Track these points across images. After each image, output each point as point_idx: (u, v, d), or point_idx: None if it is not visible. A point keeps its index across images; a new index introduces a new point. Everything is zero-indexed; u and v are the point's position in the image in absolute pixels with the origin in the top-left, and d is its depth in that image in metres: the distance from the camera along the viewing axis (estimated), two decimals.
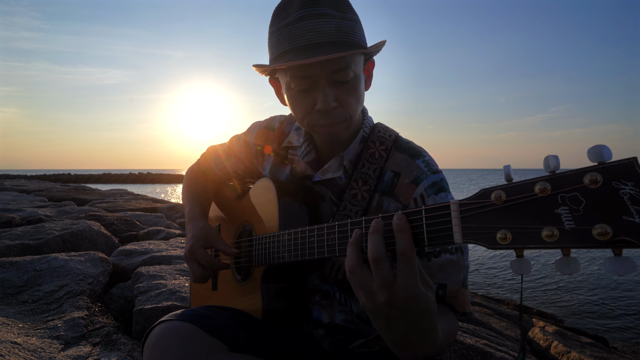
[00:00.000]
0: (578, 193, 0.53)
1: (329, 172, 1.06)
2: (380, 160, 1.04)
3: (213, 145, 1.40)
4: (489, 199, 0.60)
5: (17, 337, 1.74)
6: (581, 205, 0.52)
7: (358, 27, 0.97)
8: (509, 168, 0.60)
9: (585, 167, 0.53)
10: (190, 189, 1.35)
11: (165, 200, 11.08)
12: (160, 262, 3.11)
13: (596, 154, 0.52)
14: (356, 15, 0.98)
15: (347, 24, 0.94)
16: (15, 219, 4.50)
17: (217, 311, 1.00)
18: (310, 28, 0.91)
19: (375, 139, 1.07)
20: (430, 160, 1.03)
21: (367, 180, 1.03)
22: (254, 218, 1.14)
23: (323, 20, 0.91)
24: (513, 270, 0.59)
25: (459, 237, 0.64)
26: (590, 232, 0.51)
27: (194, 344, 0.87)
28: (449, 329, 0.86)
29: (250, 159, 1.28)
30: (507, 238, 0.58)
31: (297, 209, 1.05)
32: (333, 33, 0.92)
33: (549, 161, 0.56)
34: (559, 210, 0.54)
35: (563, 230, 0.53)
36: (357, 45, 0.95)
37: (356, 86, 0.97)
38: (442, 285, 0.94)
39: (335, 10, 0.93)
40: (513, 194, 0.58)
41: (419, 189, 0.98)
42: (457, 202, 0.65)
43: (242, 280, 1.13)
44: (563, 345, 3.11)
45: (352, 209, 1.02)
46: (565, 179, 0.54)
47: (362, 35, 0.98)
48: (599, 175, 0.51)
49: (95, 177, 58.67)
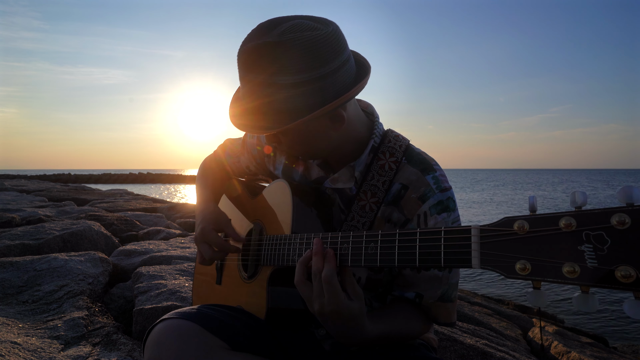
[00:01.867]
0: (604, 232, 0.52)
1: (339, 182, 1.06)
2: (390, 173, 1.03)
3: (229, 138, 1.40)
4: (512, 227, 0.60)
5: (17, 337, 1.74)
6: (606, 244, 0.52)
7: (287, 94, 0.88)
8: (533, 199, 0.60)
9: (614, 207, 0.52)
10: (203, 176, 1.37)
11: (165, 200, 11.08)
12: (160, 262, 3.11)
13: (626, 194, 0.51)
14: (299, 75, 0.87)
15: (269, 93, 0.90)
16: (15, 219, 4.50)
17: (219, 310, 1.00)
18: (236, 93, 1.01)
19: (385, 150, 1.06)
20: (440, 177, 1.02)
21: (375, 192, 1.03)
22: (267, 218, 1.14)
23: (245, 86, 0.95)
24: (529, 302, 0.59)
25: (477, 263, 0.63)
26: (613, 273, 0.51)
27: (195, 342, 0.87)
28: (401, 327, 0.97)
29: (262, 157, 1.28)
30: (527, 269, 0.58)
31: (310, 213, 1.05)
32: (250, 100, 0.94)
33: (575, 197, 0.55)
34: (583, 248, 0.53)
35: (585, 268, 0.53)
36: (280, 114, 0.91)
37: (297, 137, 0.99)
38: (420, 295, 1.01)
39: (262, 74, 0.89)
40: (537, 226, 0.58)
41: (424, 206, 0.99)
42: (479, 227, 0.64)
43: (248, 278, 1.13)
44: (563, 345, 3.11)
45: (359, 220, 1.03)
46: (592, 216, 0.53)
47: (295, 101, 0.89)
48: (628, 217, 0.50)
49: (95, 177, 58.67)
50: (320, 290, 0.82)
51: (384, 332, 0.92)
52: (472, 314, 3.51)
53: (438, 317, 1.03)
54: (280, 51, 0.85)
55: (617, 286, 0.50)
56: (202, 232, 1.10)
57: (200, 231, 1.10)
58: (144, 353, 0.92)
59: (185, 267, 2.86)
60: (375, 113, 1.12)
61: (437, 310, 1.02)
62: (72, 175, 57.78)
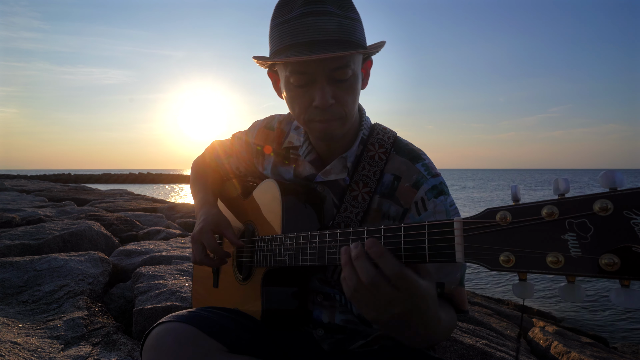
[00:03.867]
0: (587, 220, 0.51)
1: (331, 174, 1.07)
2: (380, 163, 1.05)
3: (218, 139, 1.41)
4: (494, 219, 0.59)
5: (17, 337, 1.74)
6: (589, 232, 0.51)
7: (359, 26, 0.98)
8: (515, 188, 0.59)
9: (595, 193, 0.51)
10: (199, 178, 1.36)
11: (165, 200, 11.08)
12: (160, 262, 3.11)
13: (608, 180, 0.50)
14: (358, 14, 0.98)
15: (348, 23, 0.94)
16: (15, 219, 4.50)
17: (217, 312, 1.00)
18: (313, 25, 0.92)
19: (374, 141, 1.08)
20: (429, 164, 1.04)
21: (367, 182, 1.04)
22: (258, 219, 1.15)
23: (325, 18, 0.92)
24: (515, 294, 0.58)
25: (460, 256, 0.63)
26: (598, 261, 0.50)
27: (193, 345, 0.87)
28: (449, 320, 0.90)
29: (250, 158, 1.28)
30: (511, 261, 0.57)
31: (300, 212, 1.05)
32: (335, 31, 0.92)
33: (558, 184, 0.54)
34: (566, 237, 0.53)
35: (569, 258, 0.52)
36: (358, 45, 0.95)
37: (354, 85, 0.98)
38: (440, 284, 0.97)
39: (338, 9, 0.94)
40: (519, 216, 0.57)
41: (420, 192, 1.00)
42: (462, 220, 0.64)
43: (243, 280, 1.13)
44: (563, 345, 3.11)
45: (352, 211, 1.03)
46: (574, 204, 0.52)
47: (363, 35, 0.99)
48: (610, 203, 0.49)
49: (95, 177, 58.66)
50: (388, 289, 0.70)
51: (444, 321, 0.84)
52: (472, 314, 3.51)
53: (462, 304, 0.99)
54: None
55: (602, 275, 0.50)
56: (200, 231, 1.10)
57: (199, 230, 1.11)
58: (142, 356, 0.91)
59: (185, 267, 2.86)
60: (362, 108, 1.14)
61: (459, 296, 0.99)
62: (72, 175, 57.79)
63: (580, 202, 0.52)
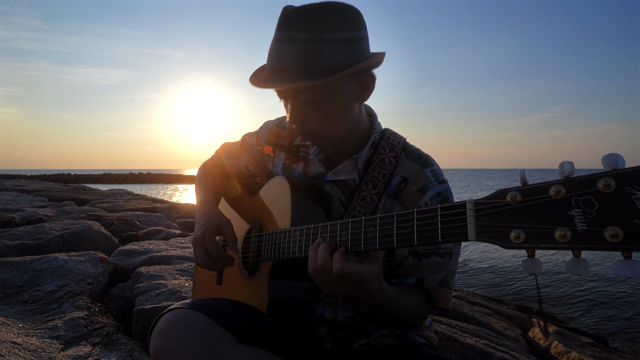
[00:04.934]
0: (591, 196, 0.55)
1: (342, 173, 1.09)
2: (390, 167, 1.08)
3: (227, 142, 1.44)
4: (505, 199, 0.62)
5: (17, 337, 1.74)
6: (594, 208, 0.54)
7: (331, 48, 0.92)
8: (524, 172, 0.62)
9: (599, 172, 0.55)
10: (203, 178, 1.38)
11: (165, 200, 11.09)
12: (160, 262, 3.11)
13: (610, 161, 0.54)
14: (339, 33, 0.93)
15: (313, 48, 0.92)
16: (15, 219, 4.50)
17: (226, 303, 1.02)
18: (275, 52, 0.96)
19: (385, 145, 1.11)
20: (437, 170, 1.07)
21: (376, 184, 1.06)
22: (266, 214, 1.16)
23: (286, 45, 0.94)
24: (524, 269, 0.61)
25: (473, 235, 0.65)
26: (602, 234, 0.53)
27: (203, 333, 0.88)
28: (409, 300, 1.01)
29: (261, 157, 1.30)
30: (521, 237, 0.60)
31: (309, 207, 1.07)
32: (293, 58, 0.93)
33: (564, 167, 0.58)
34: (572, 213, 0.56)
35: (575, 232, 0.55)
36: (321, 71, 0.92)
37: (325, 106, 0.98)
38: (420, 280, 1.04)
39: (307, 32, 0.92)
40: (528, 195, 0.60)
41: (425, 197, 1.03)
42: (473, 201, 0.67)
43: (249, 275, 1.14)
44: (563, 345, 3.11)
45: (360, 210, 1.05)
46: (579, 182, 0.56)
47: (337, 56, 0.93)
48: (612, 181, 0.53)
49: (95, 177, 58.63)
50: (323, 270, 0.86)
51: (394, 297, 0.94)
52: (472, 314, 3.51)
53: (437, 301, 1.05)
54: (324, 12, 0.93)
55: (607, 246, 0.53)
56: (202, 235, 1.11)
57: (202, 235, 1.11)
58: (150, 342, 0.92)
59: (185, 267, 2.86)
60: (374, 112, 1.17)
61: (436, 294, 1.04)
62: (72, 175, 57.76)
63: (585, 180, 0.56)
